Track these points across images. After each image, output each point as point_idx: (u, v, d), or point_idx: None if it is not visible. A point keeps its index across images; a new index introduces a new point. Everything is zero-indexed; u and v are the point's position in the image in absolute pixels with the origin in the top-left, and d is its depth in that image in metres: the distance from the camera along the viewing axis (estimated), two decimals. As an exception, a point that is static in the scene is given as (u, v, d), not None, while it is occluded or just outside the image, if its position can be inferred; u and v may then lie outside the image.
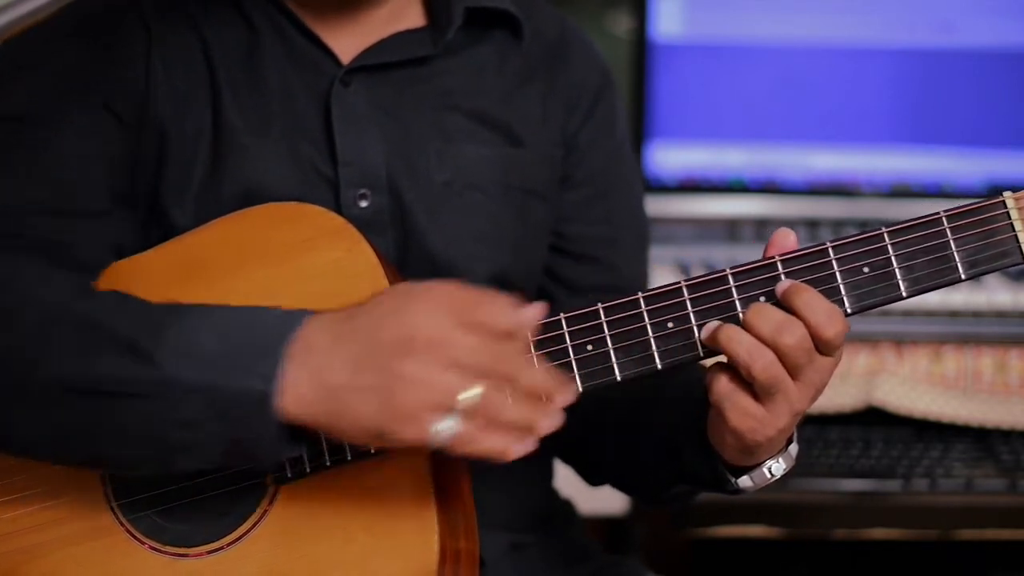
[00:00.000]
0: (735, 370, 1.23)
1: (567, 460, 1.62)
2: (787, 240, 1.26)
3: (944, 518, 2.20)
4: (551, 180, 1.55)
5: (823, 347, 1.23)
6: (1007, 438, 2.21)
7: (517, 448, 1.17)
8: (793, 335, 1.21)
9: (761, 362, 1.21)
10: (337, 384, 1.16)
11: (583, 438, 1.55)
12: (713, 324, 1.24)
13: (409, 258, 1.44)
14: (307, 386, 1.17)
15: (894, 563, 2.48)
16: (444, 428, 1.15)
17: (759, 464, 1.31)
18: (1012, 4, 2.41)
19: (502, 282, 1.48)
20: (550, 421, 1.18)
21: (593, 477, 1.61)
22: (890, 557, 2.46)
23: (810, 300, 1.22)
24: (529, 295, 1.52)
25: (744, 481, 1.32)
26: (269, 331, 1.19)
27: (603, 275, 1.56)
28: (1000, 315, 2.21)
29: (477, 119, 1.50)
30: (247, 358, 1.18)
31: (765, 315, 1.22)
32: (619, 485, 1.59)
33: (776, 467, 1.31)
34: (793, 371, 1.22)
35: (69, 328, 1.22)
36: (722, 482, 1.33)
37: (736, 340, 1.22)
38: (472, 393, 1.15)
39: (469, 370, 1.15)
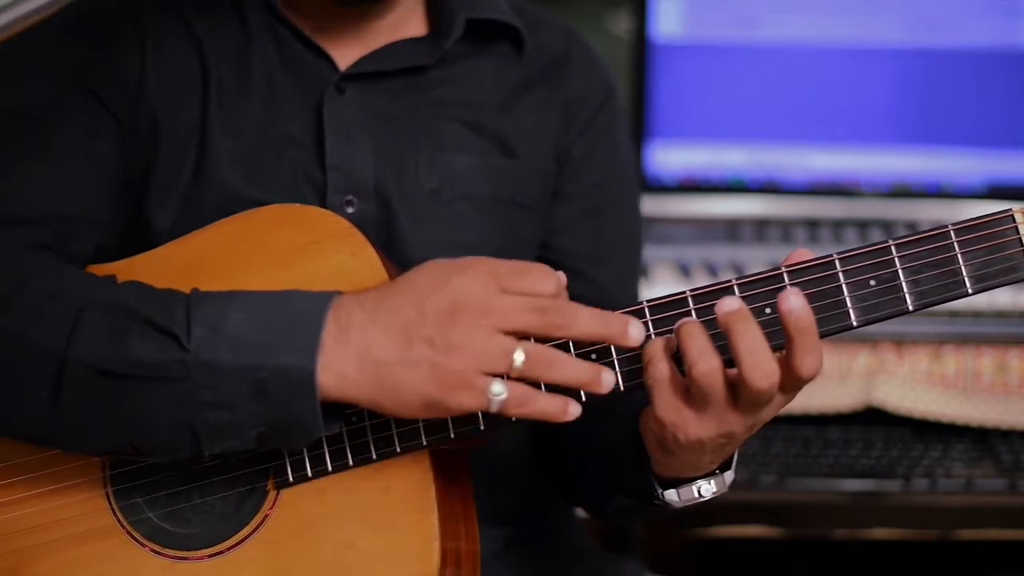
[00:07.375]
0: (679, 362, 1.20)
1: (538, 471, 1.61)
2: (802, 259, 1.23)
3: (944, 518, 2.19)
4: (542, 193, 1.54)
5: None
6: (1007, 438, 2.21)
7: (573, 408, 1.19)
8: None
9: (704, 367, 1.18)
10: (387, 359, 1.17)
11: (545, 449, 1.55)
12: (690, 318, 1.22)
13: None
14: (352, 364, 1.18)
15: (894, 563, 2.48)
16: (499, 391, 1.17)
17: (690, 481, 1.29)
18: (1012, 4, 2.41)
19: None
20: (603, 377, 1.19)
21: (554, 490, 1.60)
22: (890, 557, 2.46)
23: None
24: None
25: (670, 495, 1.30)
26: (300, 310, 1.20)
27: (588, 290, 1.52)
28: (1000, 315, 2.20)
29: (471, 129, 1.50)
30: (283, 336, 1.18)
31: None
32: (570, 497, 1.59)
33: (706, 488, 1.29)
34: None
35: (98, 314, 1.21)
36: (651, 491, 1.31)
37: (692, 336, 1.19)
38: (521, 357, 1.18)
39: (518, 332, 1.17)
